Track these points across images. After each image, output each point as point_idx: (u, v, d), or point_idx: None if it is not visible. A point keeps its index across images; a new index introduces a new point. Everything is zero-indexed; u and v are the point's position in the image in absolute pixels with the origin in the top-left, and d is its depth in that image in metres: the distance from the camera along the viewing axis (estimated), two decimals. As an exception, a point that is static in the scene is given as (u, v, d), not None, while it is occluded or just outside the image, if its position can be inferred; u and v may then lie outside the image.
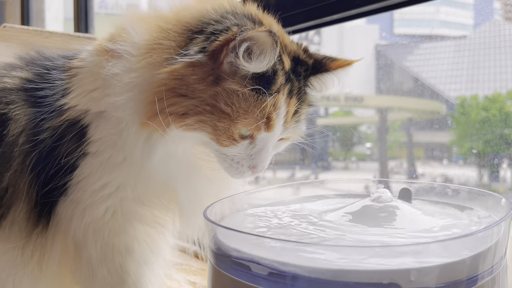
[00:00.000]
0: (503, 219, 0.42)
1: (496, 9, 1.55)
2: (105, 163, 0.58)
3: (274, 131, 0.56)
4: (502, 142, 1.31)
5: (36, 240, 0.61)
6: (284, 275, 0.39)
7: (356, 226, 0.48)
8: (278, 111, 0.56)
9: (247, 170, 0.57)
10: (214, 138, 0.55)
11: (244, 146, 0.57)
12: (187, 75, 0.53)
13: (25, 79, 0.63)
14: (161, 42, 0.55)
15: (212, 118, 0.54)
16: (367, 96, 1.76)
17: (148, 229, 0.64)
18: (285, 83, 0.57)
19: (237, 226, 0.51)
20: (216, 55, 0.53)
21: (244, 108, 0.54)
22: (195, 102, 0.54)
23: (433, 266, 0.37)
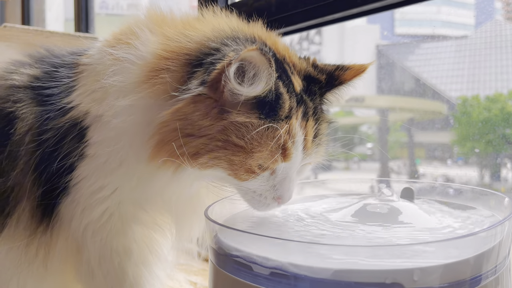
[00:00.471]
0: (506, 219, 0.41)
1: (497, 9, 1.55)
2: (101, 167, 0.58)
3: (292, 160, 0.53)
4: (503, 142, 1.31)
5: (40, 238, 0.61)
6: (286, 275, 0.38)
7: (358, 225, 0.47)
8: (294, 139, 0.52)
9: (271, 202, 0.54)
10: (232, 173, 0.52)
11: (265, 177, 0.53)
12: (190, 113, 0.51)
13: (33, 77, 0.63)
14: (162, 75, 0.53)
15: (226, 153, 0.51)
16: (368, 96, 1.76)
17: (147, 231, 0.64)
18: (296, 105, 0.53)
19: (239, 225, 0.51)
20: (216, 85, 0.51)
21: (256, 139, 0.51)
22: (205, 140, 0.51)
23: (436, 266, 0.37)
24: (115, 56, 0.57)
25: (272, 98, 0.51)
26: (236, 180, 0.53)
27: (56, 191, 0.59)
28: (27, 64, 0.66)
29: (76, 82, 0.61)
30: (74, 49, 0.67)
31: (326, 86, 0.58)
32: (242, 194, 0.55)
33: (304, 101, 0.55)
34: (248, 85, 0.50)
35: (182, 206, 0.62)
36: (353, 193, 0.63)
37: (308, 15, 0.90)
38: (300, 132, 0.54)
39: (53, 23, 2.17)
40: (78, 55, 0.64)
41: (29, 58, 0.68)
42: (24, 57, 0.68)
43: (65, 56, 0.66)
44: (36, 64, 0.65)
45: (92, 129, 0.58)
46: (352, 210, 0.51)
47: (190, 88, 0.51)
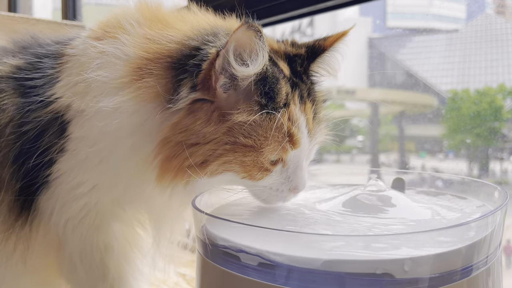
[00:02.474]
0: (498, 209, 0.41)
1: (488, 3, 1.55)
2: (81, 163, 0.57)
3: (301, 146, 0.52)
4: (492, 136, 1.32)
5: (18, 233, 0.60)
6: (275, 266, 0.37)
7: (349, 215, 0.47)
8: (297, 123, 0.52)
9: (288, 193, 0.53)
10: (246, 175, 0.51)
11: (278, 171, 0.52)
12: (191, 124, 0.50)
13: (16, 67, 0.61)
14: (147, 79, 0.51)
15: (237, 156, 0.50)
16: (359, 89, 1.76)
17: (128, 227, 0.63)
18: (292, 90, 0.53)
19: (227, 215, 0.50)
20: (207, 84, 0.50)
21: (263, 134, 0.50)
22: (212, 146, 0.50)
23: (427, 256, 0.36)
24: (99, 49, 0.55)
25: (269, 78, 0.50)
26: (251, 181, 0.51)
27: (35, 185, 0.58)
28: (10, 53, 0.64)
29: (60, 74, 0.59)
30: (60, 38, 0.65)
31: (308, 58, 0.57)
32: (257, 193, 0.54)
33: (297, 84, 0.54)
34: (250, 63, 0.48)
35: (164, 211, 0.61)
36: (344, 184, 0.62)
37: (299, 3, 0.88)
38: (302, 117, 0.53)
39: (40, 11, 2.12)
40: (63, 45, 0.62)
41: (13, 45, 0.65)
42: (8, 43, 0.66)
43: (49, 45, 0.64)
44: (19, 53, 0.63)
45: (74, 124, 0.56)
46: (342, 200, 0.51)
47: (181, 97, 0.50)
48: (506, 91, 1.37)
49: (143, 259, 0.65)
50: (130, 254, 0.63)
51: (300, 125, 0.52)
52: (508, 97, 1.37)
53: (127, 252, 0.63)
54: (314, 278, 0.36)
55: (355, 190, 0.52)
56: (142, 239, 0.65)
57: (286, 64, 0.55)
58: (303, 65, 0.57)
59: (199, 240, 0.46)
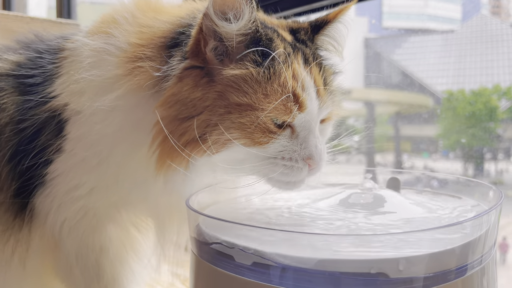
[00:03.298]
0: (493, 208, 0.41)
1: (484, 4, 1.56)
2: (78, 164, 0.55)
3: (308, 108, 0.48)
4: (487, 136, 1.32)
5: (17, 235, 0.59)
6: (269, 265, 0.37)
7: (344, 215, 0.47)
8: (302, 83, 0.48)
9: (303, 165, 0.48)
10: (248, 140, 0.47)
11: (287, 137, 0.48)
12: (179, 93, 0.47)
13: (16, 64, 0.60)
14: (140, 63, 0.50)
15: (233, 118, 0.46)
16: (355, 89, 1.76)
17: (124, 230, 0.62)
18: (293, 52, 0.50)
19: (221, 215, 0.49)
20: (197, 50, 0.48)
21: (261, 91, 0.46)
22: (206, 116, 0.47)
23: (422, 256, 0.36)
24: (91, 47, 0.54)
25: (263, 40, 0.47)
26: (256, 147, 0.47)
27: (32, 185, 0.57)
28: (11, 49, 0.63)
29: (60, 69, 0.58)
30: (62, 33, 0.64)
31: (312, 30, 0.55)
32: (269, 170, 0.49)
33: (299, 48, 0.51)
34: (232, 18, 0.45)
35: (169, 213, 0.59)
36: (339, 183, 0.62)
37: (294, 2, 0.88)
38: (308, 77, 0.49)
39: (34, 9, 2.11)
40: (64, 39, 0.61)
41: (16, 43, 0.65)
42: (11, 42, 0.65)
43: (51, 40, 0.63)
44: (20, 49, 0.62)
45: (71, 124, 0.55)
46: (337, 199, 0.51)
47: (172, 67, 0.48)
48: (501, 91, 1.38)
49: (138, 261, 0.64)
50: (125, 256, 0.62)
51: (306, 86, 0.49)
52: (503, 97, 1.38)
53: (122, 254, 0.62)
54: (309, 277, 0.36)
55: (350, 190, 0.52)
56: (138, 241, 0.65)
57: (288, 34, 0.53)
58: (307, 35, 0.55)
59: (193, 239, 0.46)
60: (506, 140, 1.36)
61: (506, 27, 1.45)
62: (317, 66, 0.52)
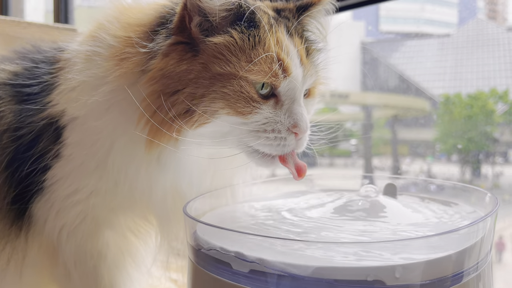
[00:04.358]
0: (488, 215, 0.41)
1: (480, 8, 1.57)
2: (77, 169, 0.56)
3: (293, 73, 0.49)
4: (484, 139, 1.33)
5: (14, 243, 0.59)
6: (266, 272, 0.37)
7: (340, 221, 0.47)
8: (286, 50, 0.49)
9: (288, 135, 0.49)
10: (231, 110, 0.47)
11: (271, 106, 0.49)
12: (164, 68, 0.48)
13: (13, 73, 0.61)
14: (128, 50, 0.50)
15: (216, 88, 0.47)
16: (353, 93, 1.76)
17: (121, 236, 0.62)
18: (276, 23, 0.51)
19: (218, 222, 0.49)
20: (183, 27, 0.49)
21: (245, 59, 0.47)
22: (191, 90, 0.48)
23: (418, 263, 0.36)
24: (82, 52, 0.55)
25: (246, 15, 0.48)
26: (240, 118, 0.48)
27: (30, 192, 0.57)
28: (8, 59, 0.63)
29: (56, 79, 0.58)
30: (59, 44, 0.64)
31: (297, 11, 0.56)
32: (252, 141, 0.49)
33: (282, 21, 0.53)
34: None
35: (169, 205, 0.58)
36: (335, 189, 0.62)
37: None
38: (291, 45, 0.50)
39: (31, 14, 2.11)
40: (59, 50, 0.62)
41: (13, 54, 0.65)
42: (8, 52, 0.66)
43: (47, 51, 0.63)
44: (17, 59, 0.63)
45: (69, 129, 0.56)
46: (334, 206, 0.51)
47: (158, 44, 0.49)
48: (497, 95, 1.38)
49: (136, 267, 0.64)
50: (122, 262, 0.62)
51: (290, 53, 0.49)
52: (499, 101, 1.39)
53: (119, 260, 0.62)
54: (306, 285, 0.36)
55: (346, 196, 0.52)
56: (136, 247, 0.65)
57: (272, 11, 0.54)
58: (292, 13, 0.56)
59: (190, 246, 0.46)
60: (503, 143, 1.36)
61: (502, 31, 1.46)
62: (300, 38, 0.53)
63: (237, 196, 0.59)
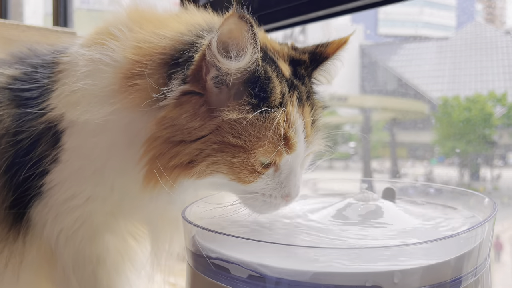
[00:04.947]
0: (487, 220, 0.41)
1: (478, 11, 1.57)
2: (75, 174, 0.56)
3: (296, 150, 0.50)
4: (483, 142, 1.33)
5: (11, 247, 0.59)
6: (264, 278, 0.37)
7: (338, 226, 0.47)
8: (294, 127, 0.49)
9: (280, 201, 0.51)
10: (235, 177, 0.48)
11: (270, 175, 0.50)
12: (177, 117, 0.47)
13: (12, 77, 0.60)
14: (138, 81, 0.49)
15: (225, 156, 0.47)
16: (351, 96, 1.76)
17: (121, 239, 0.62)
18: (289, 91, 0.50)
19: (217, 227, 0.49)
20: (198, 76, 0.48)
21: (255, 135, 0.47)
22: (199, 145, 0.47)
23: (416, 268, 0.36)
24: (87, 57, 0.54)
25: (261, 79, 0.48)
26: (240, 184, 0.49)
27: (28, 197, 0.57)
28: (6, 64, 0.63)
29: (55, 83, 0.58)
30: (56, 47, 0.64)
31: (311, 65, 0.56)
32: (248, 200, 0.51)
33: (296, 86, 0.52)
34: (234, 57, 0.45)
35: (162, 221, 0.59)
36: (334, 193, 0.62)
37: (292, 12, 0.89)
38: (300, 119, 0.50)
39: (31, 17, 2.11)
40: (58, 54, 0.61)
41: (11, 57, 0.65)
42: (6, 56, 0.66)
43: (46, 55, 0.63)
44: (16, 64, 0.63)
45: (67, 134, 0.56)
46: (332, 210, 0.51)
47: (171, 89, 0.48)
48: (496, 98, 1.39)
49: (134, 271, 0.64)
50: (121, 266, 0.62)
51: (298, 129, 0.50)
52: (498, 104, 1.39)
53: (119, 264, 0.62)
54: (304, 290, 0.36)
55: (345, 200, 0.52)
56: (135, 251, 0.64)
57: (287, 66, 0.54)
58: (307, 71, 0.55)
59: (189, 251, 0.46)
60: (501, 146, 1.36)
61: (501, 34, 1.46)
62: (309, 106, 0.53)
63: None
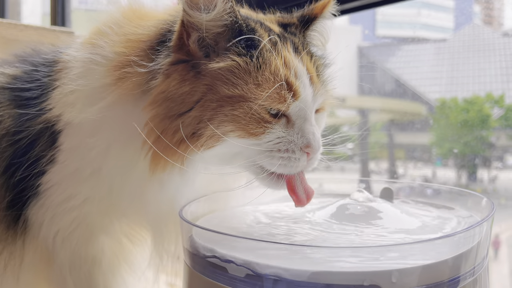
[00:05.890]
0: (485, 220, 0.41)
1: (476, 13, 1.58)
2: (71, 175, 0.55)
3: (302, 96, 0.48)
4: (480, 144, 1.33)
5: (11, 247, 0.58)
6: (262, 277, 0.37)
7: (337, 226, 0.47)
8: (294, 71, 0.48)
9: (300, 155, 0.47)
10: (243, 132, 0.46)
11: (282, 126, 0.48)
12: (167, 90, 0.46)
13: (13, 77, 0.60)
14: (127, 70, 0.49)
15: (226, 111, 0.45)
16: (349, 97, 1.76)
17: (116, 241, 0.62)
18: (281, 40, 0.49)
19: (215, 226, 0.49)
20: (181, 44, 0.47)
21: (253, 81, 0.46)
22: (197, 112, 0.46)
23: (414, 267, 0.36)
24: (78, 58, 0.54)
25: (244, 31, 0.47)
26: (251, 139, 0.46)
27: (25, 197, 0.57)
28: (7, 63, 0.63)
29: (55, 82, 0.57)
30: (58, 47, 0.63)
31: (301, 25, 0.55)
32: (265, 161, 0.48)
33: (288, 38, 0.51)
34: (204, 8, 0.44)
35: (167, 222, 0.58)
36: (332, 193, 0.62)
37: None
38: (299, 65, 0.49)
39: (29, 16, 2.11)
40: (59, 52, 0.61)
41: (13, 57, 0.65)
42: (8, 56, 0.65)
43: (47, 53, 0.62)
44: (16, 63, 0.62)
45: (64, 135, 0.55)
46: (330, 210, 0.51)
47: (158, 63, 0.47)
48: (493, 99, 1.39)
49: (131, 273, 0.64)
50: (117, 267, 0.62)
51: (299, 74, 0.48)
52: (495, 106, 1.39)
53: (114, 265, 0.61)
54: (302, 290, 0.36)
55: (343, 200, 0.52)
56: (131, 252, 0.64)
57: (277, 27, 0.53)
58: (298, 29, 0.55)
59: (186, 251, 0.45)
60: (499, 148, 1.37)
61: (498, 36, 1.47)
62: (308, 55, 0.52)
63: (233, 200, 0.58)
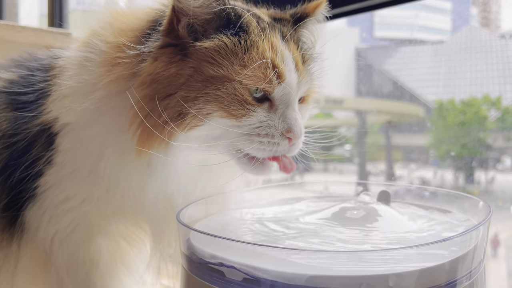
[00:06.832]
0: (481, 223, 0.41)
1: (473, 15, 1.58)
2: (69, 176, 0.56)
3: (287, 79, 0.49)
4: (477, 146, 1.34)
5: (6, 249, 0.58)
6: (259, 281, 0.37)
7: (334, 229, 0.47)
8: (281, 55, 0.49)
9: (280, 140, 0.49)
10: (225, 113, 0.47)
11: (265, 110, 0.49)
12: (155, 72, 0.48)
13: (9, 81, 0.60)
14: (119, 55, 0.50)
15: (210, 91, 0.47)
16: (347, 98, 1.77)
17: (113, 243, 0.62)
18: (269, 27, 0.51)
19: (212, 229, 0.49)
20: (171, 29, 0.49)
21: (239, 63, 0.47)
22: (183, 92, 0.47)
23: (411, 271, 0.36)
24: (73, 58, 0.55)
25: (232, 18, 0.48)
26: (233, 120, 0.47)
27: (22, 199, 0.57)
28: (4, 67, 0.63)
29: (51, 87, 0.58)
30: (55, 51, 0.64)
31: (294, 21, 0.57)
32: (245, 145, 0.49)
33: (277, 27, 0.52)
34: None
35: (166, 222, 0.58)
36: (329, 196, 0.62)
37: None
38: (286, 51, 0.50)
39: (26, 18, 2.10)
40: (55, 58, 0.61)
41: (9, 62, 0.65)
42: (5, 60, 0.66)
43: (43, 59, 0.63)
44: (13, 67, 0.63)
45: (61, 136, 0.55)
46: (327, 213, 0.51)
47: (148, 46, 0.48)
48: (490, 101, 1.39)
49: (128, 275, 0.64)
50: (115, 269, 0.62)
51: (285, 58, 0.49)
52: (492, 107, 1.39)
53: (112, 267, 0.61)
54: (299, 294, 0.36)
55: (340, 203, 0.52)
56: (128, 254, 0.64)
57: (268, 18, 0.54)
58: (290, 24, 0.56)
59: (183, 254, 0.45)
60: (495, 149, 1.37)
61: (495, 38, 1.47)
62: (295, 44, 0.53)
63: (231, 203, 0.58)
